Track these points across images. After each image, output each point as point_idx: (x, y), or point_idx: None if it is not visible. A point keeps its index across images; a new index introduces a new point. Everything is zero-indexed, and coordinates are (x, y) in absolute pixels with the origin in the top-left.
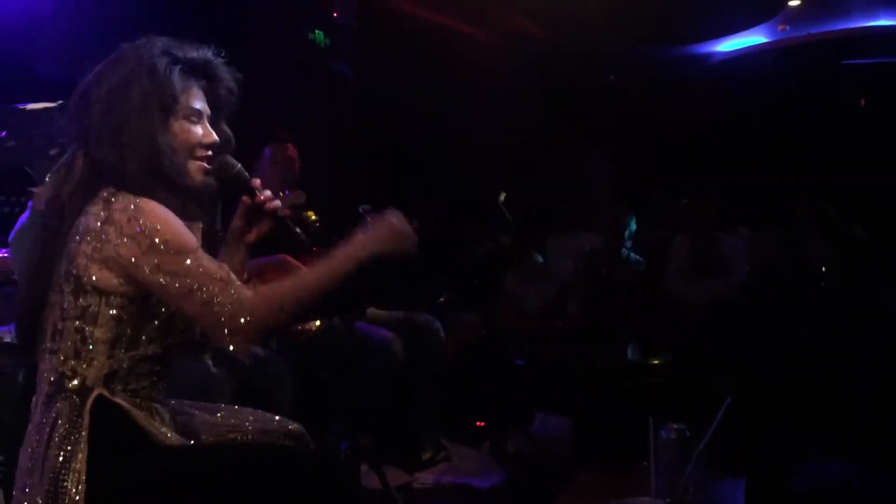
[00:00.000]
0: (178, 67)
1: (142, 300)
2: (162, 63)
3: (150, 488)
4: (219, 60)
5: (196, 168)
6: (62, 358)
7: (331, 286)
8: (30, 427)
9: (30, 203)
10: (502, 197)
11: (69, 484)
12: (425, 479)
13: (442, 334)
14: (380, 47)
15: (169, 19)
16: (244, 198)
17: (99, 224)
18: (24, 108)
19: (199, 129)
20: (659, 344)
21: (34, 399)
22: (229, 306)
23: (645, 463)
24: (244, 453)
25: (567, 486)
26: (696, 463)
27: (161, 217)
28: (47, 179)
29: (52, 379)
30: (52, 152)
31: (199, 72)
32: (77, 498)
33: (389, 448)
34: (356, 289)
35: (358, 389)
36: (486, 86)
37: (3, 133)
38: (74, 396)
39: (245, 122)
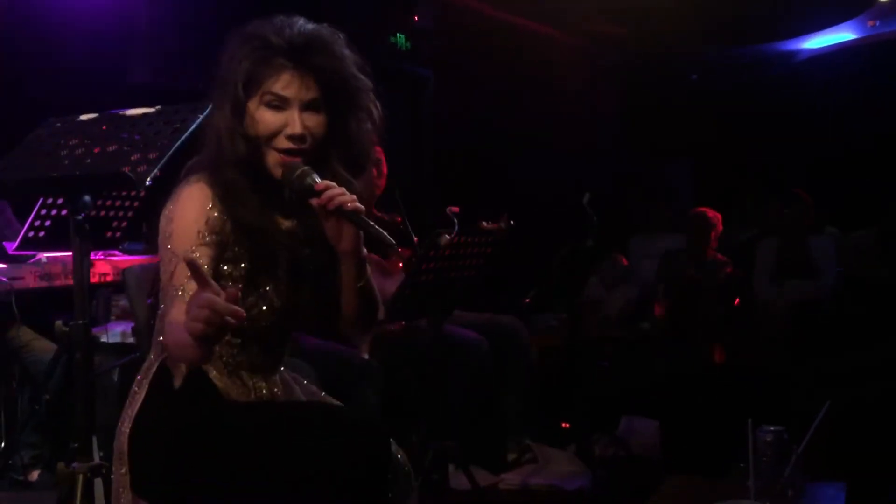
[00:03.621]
0: (264, 52)
1: None
2: (246, 47)
3: (197, 434)
4: (316, 45)
5: (274, 159)
6: (157, 330)
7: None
8: None
9: None
10: (587, 198)
11: (125, 425)
12: (511, 480)
13: (527, 336)
14: (461, 51)
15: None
16: (311, 202)
17: (167, 205)
18: (124, 114)
19: (279, 116)
20: (746, 346)
21: None
22: (165, 321)
23: (742, 465)
24: (293, 410)
25: (657, 489)
26: (795, 466)
27: (181, 208)
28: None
29: (145, 367)
30: (152, 156)
31: (291, 56)
32: (123, 439)
33: (475, 449)
34: (442, 290)
35: (444, 390)
36: (569, 87)
37: (104, 138)
38: (162, 360)
39: None
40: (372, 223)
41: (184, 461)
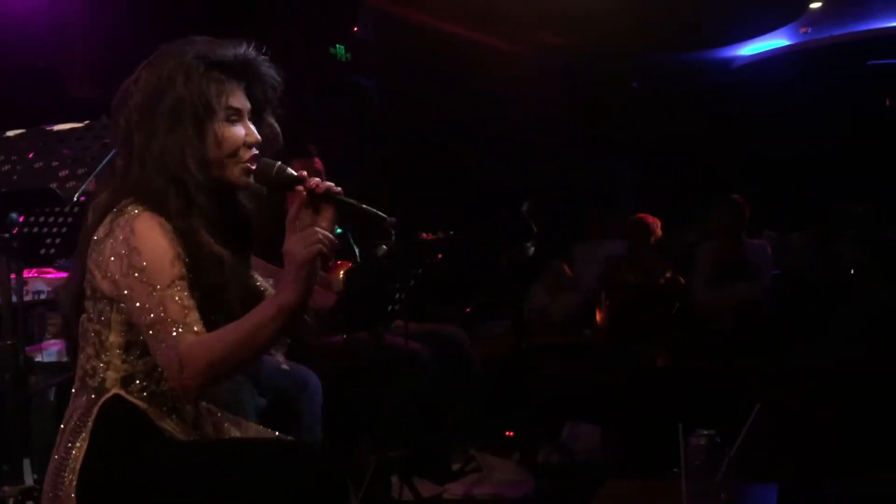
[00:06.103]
0: (213, 71)
1: None
2: (196, 68)
3: (150, 481)
4: (259, 59)
5: (240, 170)
6: (87, 357)
7: (267, 341)
8: None
9: None
10: (525, 206)
11: (66, 473)
12: (456, 490)
13: (469, 345)
14: (402, 60)
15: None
16: (298, 189)
17: (102, 236)
18: (52, 129)
19: (240, 129)
20: (687, 350)
21: None
22: (167, 353)
23: (675, 469)
24: (250, 447)
25: (598, 495)
26: (728, 469)
27: (147, 241)
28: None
29: (80, 374)
30: (80, 171)
31: (238, 71)
32: (69, 490)
33: (419, 460)
34: (383, 301)
35: (387, 401)
36: (509, 95)
37: (31, 154)
38: (93, 395)
39: None
40: (356, 202)
41: None
